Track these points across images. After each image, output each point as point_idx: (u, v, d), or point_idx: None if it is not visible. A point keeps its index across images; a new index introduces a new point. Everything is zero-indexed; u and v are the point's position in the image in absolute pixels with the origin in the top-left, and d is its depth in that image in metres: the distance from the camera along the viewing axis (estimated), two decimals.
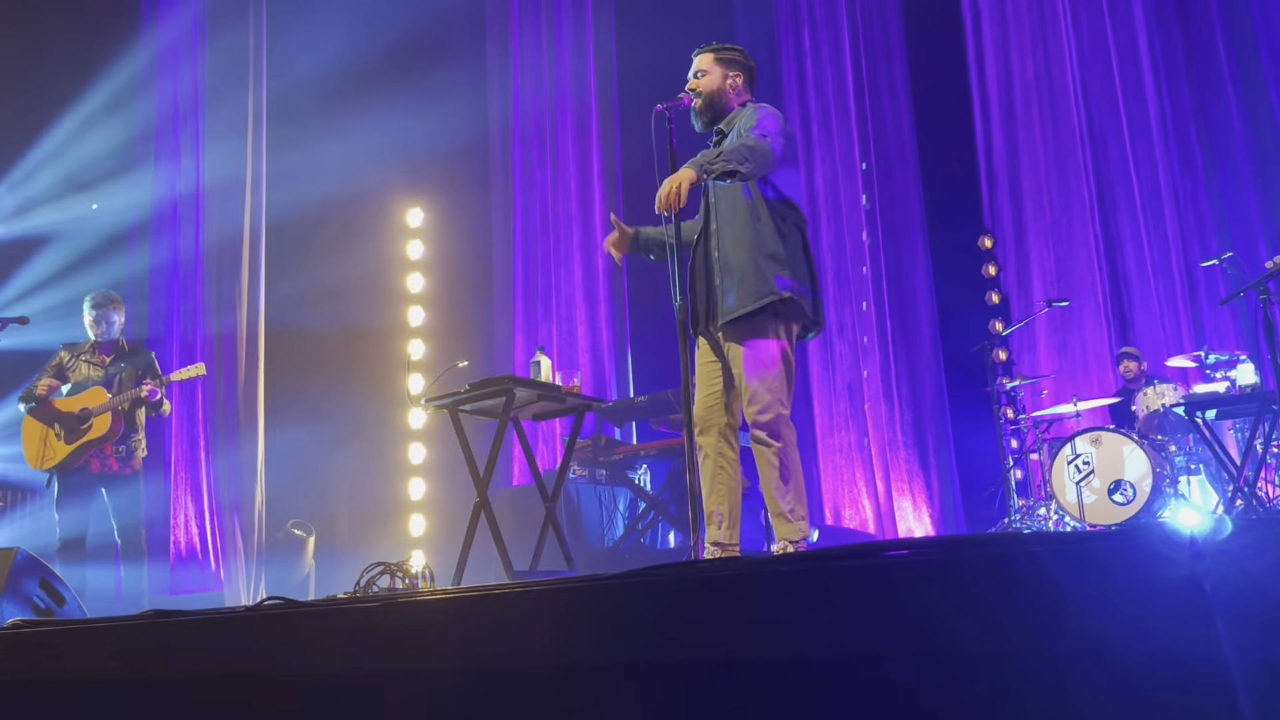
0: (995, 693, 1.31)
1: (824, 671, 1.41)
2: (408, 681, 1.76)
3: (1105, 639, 1.25)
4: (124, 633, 2.15)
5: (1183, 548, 1.24)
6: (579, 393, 4.50)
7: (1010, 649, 1.30)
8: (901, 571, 1.41)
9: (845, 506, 7.79)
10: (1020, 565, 1.32)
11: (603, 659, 1.59)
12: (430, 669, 1.75)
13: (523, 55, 9.06)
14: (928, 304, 7.97)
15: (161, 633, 2.09)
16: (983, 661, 1.31)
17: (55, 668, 2.18)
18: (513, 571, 4.10)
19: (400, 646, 1.79)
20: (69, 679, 2.14)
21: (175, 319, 7.80)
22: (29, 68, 7.82)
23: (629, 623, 1.58)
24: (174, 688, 2.00)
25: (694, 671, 1.50)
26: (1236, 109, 7.21)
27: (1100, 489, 6.01)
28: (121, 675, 2.07)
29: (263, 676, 1.91)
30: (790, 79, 8.48)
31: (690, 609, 1.53)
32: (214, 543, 7.52)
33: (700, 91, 3.72)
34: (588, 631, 1.62)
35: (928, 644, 1.34)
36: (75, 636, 2.27)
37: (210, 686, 1.95)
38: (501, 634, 1.69)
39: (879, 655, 1.37)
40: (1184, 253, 7.22)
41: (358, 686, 1.81)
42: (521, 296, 8.72)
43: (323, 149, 8.04)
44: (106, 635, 2.18)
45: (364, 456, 8.52)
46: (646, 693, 1.54)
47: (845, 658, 1.40)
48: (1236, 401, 5.42)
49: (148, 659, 2.06)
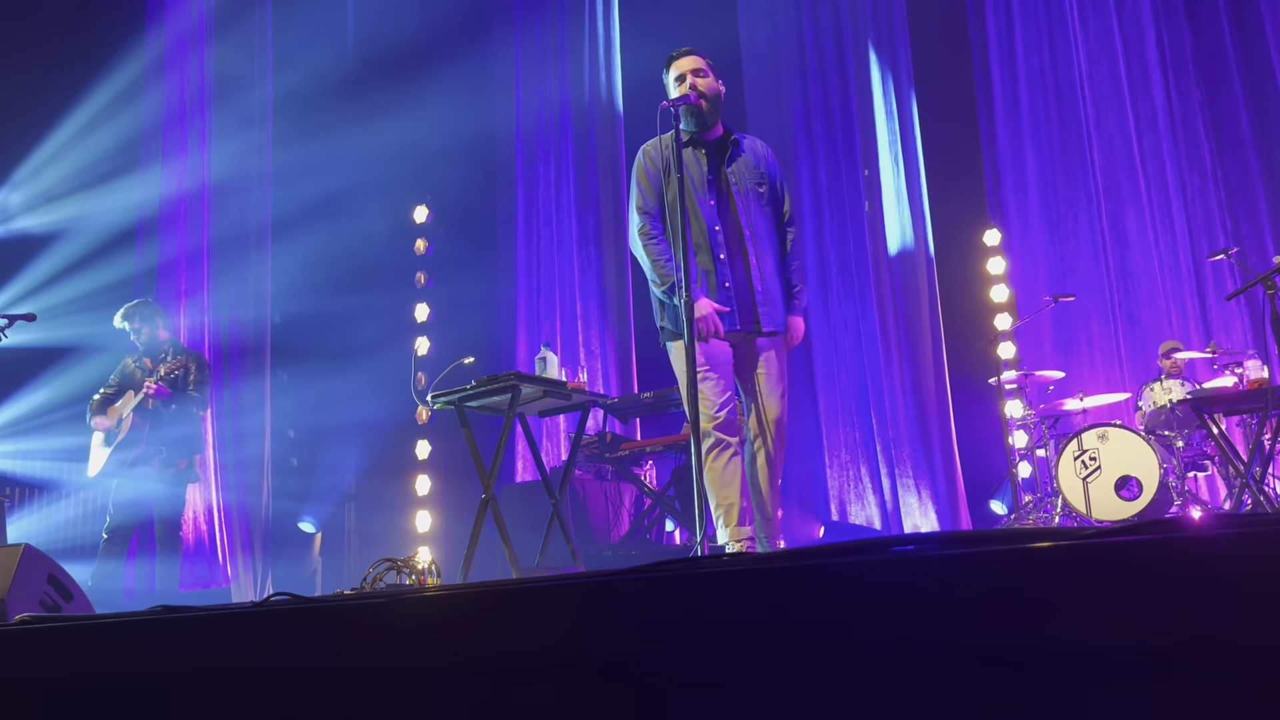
0: (1003, 691, 1.31)
1: (832, 668, 1.41)
2: (414, 678, 1.77)
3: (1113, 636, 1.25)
4: (131, 629, 2.16)
5: (1189, 544, 1.24)
6: (584, 389, 4.50)
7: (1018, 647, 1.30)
8: (907, 568, 1.41)
9: (851, 502, 7.79)
10: (1026, 561, 1.32)
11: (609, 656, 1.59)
12: (437, 666, 1.75)
13: (526, 52, 9.06)
14: (931, 299, 7.96)
15: (169, 629, 2.09)
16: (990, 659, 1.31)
17: (62, 664, 2.18)
18: (519, 568, 4.11)
19: (407, 643, 1.79)
20: (76, 675, 2.14)
21: (182, 314, 7.82)
22: (37, 65, 7.84)
23: (635, 619, 1.58)
24: (181, 684, 2.00)
25: (703, 668, 1.50)
26: (1244, 104, 7.18)
27: (1107, 485, 6.00)
28: (128, 672, 2.08)
29: (270, 673, 1.92)
30: (793, 75, 8.47)
31: (696, 606, 1.53)
32: (221, 539, 7.55)
33: (705, 93, 3.74)
34: (594, 628, 1.63)
35: (934, 641, 1.34)
36: (82, 633, 2.27)
37: (217, 683, 1.95)
38: (508, 631, 1.69)
39: (886, 652, 1.37)
40: (1191, 248, 7.20)
41: (365, 684, 1.81)
42: (525, 292, 8.72)
43: (329, 145, 8.05)
44: (113, 631, 2.19)
45: (370, 452, 8.54)
46: (654, 690, 1.54)
47: (852, 654, 1.40)
48: (1244, 397, 5.40)
49: (155, 656, 2.06)
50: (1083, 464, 6.09)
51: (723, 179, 3.76)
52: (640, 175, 3.77)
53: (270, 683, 1.91)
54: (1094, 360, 7.35)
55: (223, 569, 7.49)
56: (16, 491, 7.27)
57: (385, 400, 8.45)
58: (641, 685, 1.55)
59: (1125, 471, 5.96)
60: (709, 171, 3.75)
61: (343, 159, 8.11)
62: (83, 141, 7.83)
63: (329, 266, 8.17)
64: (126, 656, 2.11)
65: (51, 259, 7.76)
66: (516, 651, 1.68)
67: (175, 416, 5.65)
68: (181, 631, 2.07)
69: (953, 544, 1.55)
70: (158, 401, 5.56)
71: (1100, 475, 6.02)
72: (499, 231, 9.12)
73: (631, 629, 1.58)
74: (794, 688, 1.44)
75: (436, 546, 7.99)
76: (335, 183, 8.16)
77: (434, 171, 8.87)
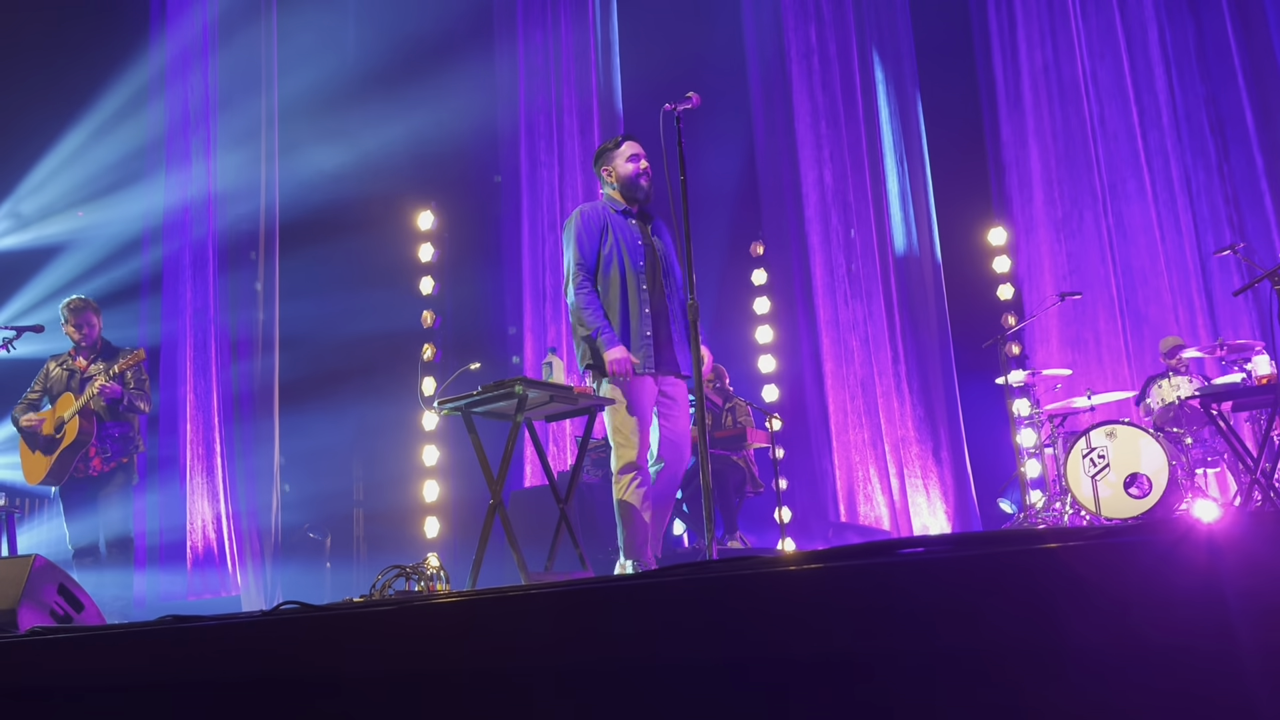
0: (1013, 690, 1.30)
1: (841, 670, 1.41)
2: (425, 684, 1.76)
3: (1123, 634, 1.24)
4: (141, 639, 2.16)
5: (1200, 542, 1.24)
6: (591, 393, 4.50)
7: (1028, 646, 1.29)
8: (916, 570, 1.41)
9: (860, 503, 7.77)
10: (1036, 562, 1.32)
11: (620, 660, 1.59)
12: (447, 671, 1.75)
13: (529, 56, 9.07)
14: (938, 298, 7.95)
15: (179, 638, 2.09)
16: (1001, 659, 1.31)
17: (74, 674, 2.19)
18: (528, 573, 4.10)
19: (417, 649, 1.79)
20: (87, 685, 2.15)
21: (188, 324, 7.83)
22: (42, 76, 7.87)
23: (644, 623, 1.58)
24: (192, 693, 2.00)
25: (711, 672, 1.50)
26: (1248, 98, 7.17)
27: (1116, 482, 5.98)
28: (139, 681, 2.08)
29: (280, 681, 1.92)
30: (799, 75, 8.46)
31: (705, 609, 1.53)
32: (230, 547, 7.55)
33: (650, 175, 4.33)
34: (604, 633, 1.62)
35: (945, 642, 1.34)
36: (93, 643, 2.28)
37: (227, 691, 1.96)
38: (518, 636, 1.69)
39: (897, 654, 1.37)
40: (1197, 244, 7.18)
41: (375, 690, 1.81)
42: (530, 297, 8.73)
43: (333, 152, 8.07)
44: (124, 641, 2.19)
45: (378, 459, 8.55)
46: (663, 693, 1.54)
47: (861, 656, 1.39)
48: (1253, 393, 5.37)
49: (165, 665, 2.07)
50: (1091, 462, 6.07)
51: (648, 245, 4.33)
52: (582, 233, 4.25)
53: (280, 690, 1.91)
54: (1101, 357, 7.33)
55: (232, 577, 7.49)
56: (26, 502, 7.29)
57: (393, 407, 8.46)
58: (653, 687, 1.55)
59: (1134, 469, 5.94)
60: (639, 238, 4.31)
61: (347, 165, 8.12)
62: (88, 152, 7.85)
63: (334, 273, 8.18)
64: (137, 666, 2.11)
65: (58, 270, 7.79)
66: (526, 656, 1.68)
67: (117, 415, 5.60)
68: (191, 640, 2.07)
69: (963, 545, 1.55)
70: (101, 400, 5.49)
71: (1109, 473, 6.00)
72: (504, 236, 9.13)
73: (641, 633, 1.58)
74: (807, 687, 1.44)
75: (445, 552, 7.99)
76: (340, 189, 8.17)
77: (439, 176, 8.89)
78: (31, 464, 5.60)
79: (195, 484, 7.57)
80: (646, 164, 4.36)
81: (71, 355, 5.74)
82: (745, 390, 7.76)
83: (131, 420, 5.67)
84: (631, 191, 4.34)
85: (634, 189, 4.33)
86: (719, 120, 8.73)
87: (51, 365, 5.76)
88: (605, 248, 4.23)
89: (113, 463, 5.56)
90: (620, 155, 4.38)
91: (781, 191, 8.52)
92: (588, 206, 4.37)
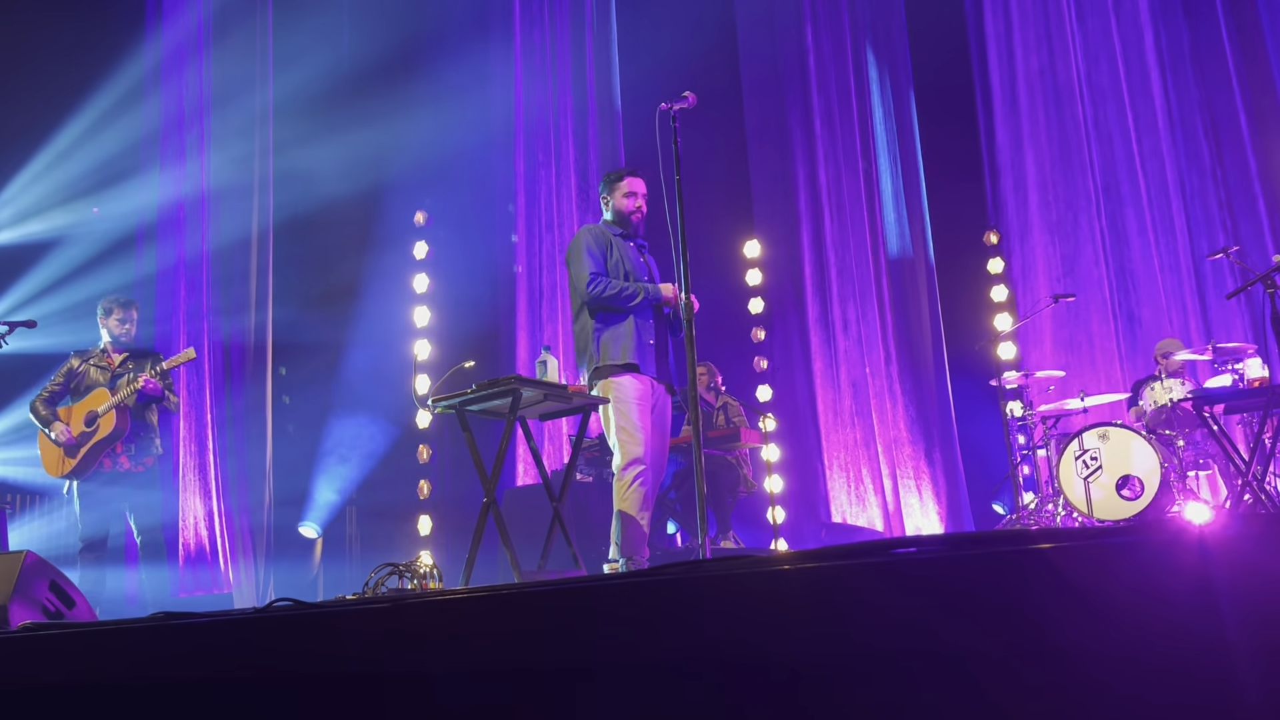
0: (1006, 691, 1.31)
1: (835, 670, 1.41)
2: (417, 682, 1.76)
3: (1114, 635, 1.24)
4: (133, 635, 2.16)
5: (1192, 543, 1.24)
6: (585, 392, 4.50)
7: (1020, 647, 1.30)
8: (909, 570, 1.41)
9: (853, 503, 7.78)
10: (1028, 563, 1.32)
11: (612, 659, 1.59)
12: (440, 669, 1.75)
13: (526, 55, 9.06)
14: (931, 300, 7.96)
15: (170, 635, 2.09)
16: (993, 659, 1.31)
17: (65, 671, 2.18)
18: (521, 571, 4.10)
19: (409, 647, 1.79)
20: (79, 682, 2.14)
21: (182, 321, 7.81)
22: (35, 72, 7.84)
23: (638, 622, 1.58)
24: (183, 690, 2.00)
25: (704, 671, 1.50)
26: (1243, 102, 7.19)
27: (1108, 484, 5.99)
28: (131, 678, 2.08)
29: (272, 678, 1.92)
30: (793, 76, 8.48)
31: (698, 609, 1.53)
32: (223, 544, 7.54)
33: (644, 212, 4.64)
34: (597, 631, 1.62)
35: (936, 642, 1.34)
36: (85, 639, 2.27)
37: (219, 689, 1.95)
38: (511, 634, 1.69)
39: (889, 653, 1.37)
40: (1191, 247, 7.20)
41: (367, 688, 1.81)
42: (525, 296, 8.72)
43: (329, 150, 8.05)
44: (116, 638, 2.19)
45: (371, 457, 8.53)
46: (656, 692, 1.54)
47: (855, 656, 1.40)
48: (1245, 395, 5.39)
49: (157, 662, 2.06)
50: (1084, 464, 6.08)
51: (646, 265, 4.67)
52: (590, 246, 4.51)
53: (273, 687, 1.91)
54: (1094, 360, 7.35)
55: (224, 574, 7.48)
56: (18, 499, 7.26)
57: (386, 404, 8.45)
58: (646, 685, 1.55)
59: (1126, 471, 5.96)
60: (639, 258, 4.64)
61: (342, 163, 8.10)
62: (82, 148, 7.82)
63: (329, 271, 8.16)
64: (129, 663, 2.11)
65: (51, 265, 7.76)
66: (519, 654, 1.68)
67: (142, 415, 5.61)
68: (184, 637, 2.06)
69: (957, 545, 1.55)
70: (134, 398, 5.49)
71: (1101, 475, 6.02)
72: (499, 235, 9.12)
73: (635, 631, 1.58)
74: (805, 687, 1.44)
75: (438, 550, 7.98)
76: (335, 187, 8.15)
77: (434, 175, 8.87)
78: (54, 456, 5.57)
79: (187, 481, 7.56)
80: (642, 203, 4.65)
81: (102, 353, 5.75)
82: (738, 390, 7.77)
83: (152, 422, 5.68)
84: (624, 224, 4.66)
85: (625, 223, 4.65)
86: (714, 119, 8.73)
87: (76, 361, 5.74)
88: (611, 262, 4.51)
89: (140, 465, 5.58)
90: (620, 189, 4.70)
91: (775, 191, 8.53)
92: (593, 227, 4.66)
